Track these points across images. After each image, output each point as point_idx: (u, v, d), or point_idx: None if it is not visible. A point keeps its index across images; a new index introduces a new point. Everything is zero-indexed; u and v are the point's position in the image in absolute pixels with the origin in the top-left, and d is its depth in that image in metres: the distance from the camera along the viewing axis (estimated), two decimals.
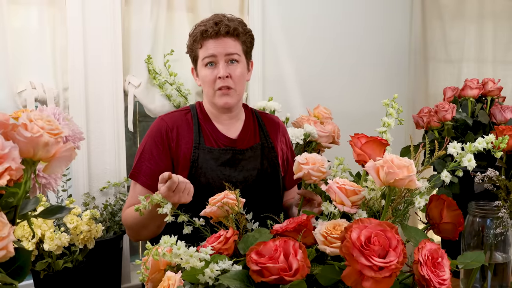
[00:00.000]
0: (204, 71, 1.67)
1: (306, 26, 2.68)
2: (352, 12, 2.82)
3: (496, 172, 1.55)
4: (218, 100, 1.68)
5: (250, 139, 1.76)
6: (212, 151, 1.68)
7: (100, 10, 2.12)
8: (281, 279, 0.94)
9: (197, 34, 1.65)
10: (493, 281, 1.55)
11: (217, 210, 1.20)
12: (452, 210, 1.27)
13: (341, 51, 2.78)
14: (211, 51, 1.64)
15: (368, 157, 1.23)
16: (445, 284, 1.05)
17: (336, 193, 1.15)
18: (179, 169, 1.67)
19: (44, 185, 0.90)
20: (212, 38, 1.63)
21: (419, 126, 1.92)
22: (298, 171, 1.42)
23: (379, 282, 0.91)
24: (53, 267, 1.70)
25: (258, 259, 0.96)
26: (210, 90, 1.68)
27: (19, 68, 2.00)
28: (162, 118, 1.73)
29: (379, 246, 0.93)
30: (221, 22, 1.64)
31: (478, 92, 1.91)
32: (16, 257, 0.76)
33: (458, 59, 2.88)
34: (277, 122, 1.87)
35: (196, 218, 1.23)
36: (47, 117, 0.78)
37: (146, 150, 1.68)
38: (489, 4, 2.73)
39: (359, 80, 2.86)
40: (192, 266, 1.00)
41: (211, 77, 1.66)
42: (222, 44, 1.64)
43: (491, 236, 1.53)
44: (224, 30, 1.63)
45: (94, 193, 2.16)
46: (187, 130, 1.70)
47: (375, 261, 0.90)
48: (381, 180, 1.08)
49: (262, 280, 0.95)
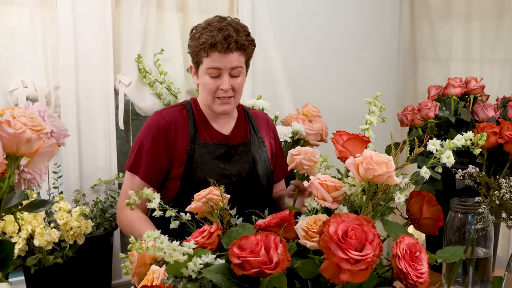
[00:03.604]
0: (206, 79, 1.70)
1: (295, 25, 2.71)
2: (342, 12, 2.85)
3: (476, 168, 1.58)
4: (218, 107, 1.73)
5: (242, 135, 1.83)
6: (207, 146, 1.74)
7: (91, 10, 2.14)
8: (262, 272, 0.96)
9: (205, 44, 1.66)
10: (474, 275, 1.58)
11: (202, 205, 1.23)
12: (432, 205, 1.29)
13: (330, 50, 2.81)
14: (217, 64, 1.67)
15: (349, 154, 1.26)
16: (423, 277, 1.07)
17: (318, 189, 1.18)
18: (175, 163, 1.73)
19: (29, 180, 0.93)
20: (220, 52, 1.66)
21: (403, 124, 1.95)
22: (291, 162, 1.55)
23: (355, 275, 0.93)
24: (43, 263, 1.73)
25: (240, 253, 0.98)
26: (209, 97, 1.72)
27: (11, 67, 2.03)
28: (159, 113, 1.77)
29: (356, 240, 0.95)
30: (230, 38, 1.65)
31: (461, 91, 1.95)
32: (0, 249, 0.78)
33: (447, 58, 2.91)
34: (266, 119, 1.95)
35: (183, 213, 1.25)
36: (30, 114, 0.81)
37: (145, 144, 1.73)
38: (477, 4, 2.76)
39: (348, 79, 2.89)
40: (175, 259, 1.02)
41: (214, 87, 1.70)
42: (229, 58, 1.67)
43: (472, 231, 1.56)
44: (234, 47, 1.66)
45: (85, 190, 2.18)
46: (183, 126, 1.75)
47: (351, 254, 0.92)
48: (360, 176, 1.10)
49: (243, 273, 0.97)
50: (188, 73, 2.36)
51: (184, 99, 2.35)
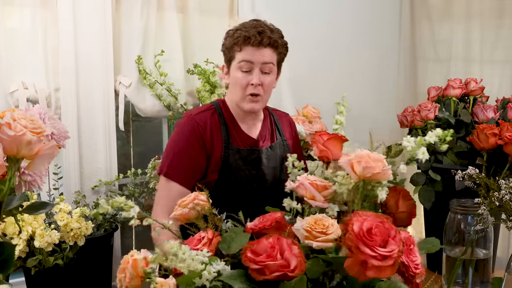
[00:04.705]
0: (238, 73, 1.71)
1: (295, 26, 2.70)
2: (342, 13, 2.85)
3: (476, 170, 1.58)
4: (246, 105, 1.73)
5: (268, 139, 1.85)
6: (240, 151, 1.75)
7: (91, 11, 2.15)
8: (285, 275, 0.96)
9: (239, 38, 1.69)
10: (474, 276, 1.58)
11: (189, 211, 1.19)
12: (407, 200, 1.32)
13: (330, 50, 2.81)
14: (250, 57, 1.68)
15: (330, 153, 1.28)
16: (419, 268, 1.10)
17: (308, 189, 1.19)
18: (210, 168, 1.72)
19: (30, 182, 0.93)
20: (253, 46, 1.68)
21: (403, 125, 1.95)
22: None
23: (382, 271, 0.94)
24: (44, 264, 1.73)
25: (256, 258, 0.97)
26: (240, 93, 1.72)
27: (11, 68, 2.03)
28: (193, 117, 1.74)
29: (380, 237, 0.95)
30: (265, 33, 1.68)
31: (461, 92, 1.95)
32: (1, 251, 0.79)
33: (447, 59, 2.91)
34: (289, 120, 1.97)
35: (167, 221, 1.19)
36: (30, 117, 0.81)
37: (182, 149, 1.70)
38: (477, 4, 2.76)
39: (348, 79, 2.88)
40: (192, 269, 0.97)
41: (244, 82, 1.70)
42: (262, 53, 1.69)
43: (472, 232, 1.57)
44: (267, 42, 1.68)
45: (86, 192, 2.18)
46: (216, 130, 1.74)
47: (379, 251, 0.93)
48: (357, 174, 1.12)
49: (264, 278, 0.96)
50: (188, 74, 2.37)
51: (184, 100, 2.36)
